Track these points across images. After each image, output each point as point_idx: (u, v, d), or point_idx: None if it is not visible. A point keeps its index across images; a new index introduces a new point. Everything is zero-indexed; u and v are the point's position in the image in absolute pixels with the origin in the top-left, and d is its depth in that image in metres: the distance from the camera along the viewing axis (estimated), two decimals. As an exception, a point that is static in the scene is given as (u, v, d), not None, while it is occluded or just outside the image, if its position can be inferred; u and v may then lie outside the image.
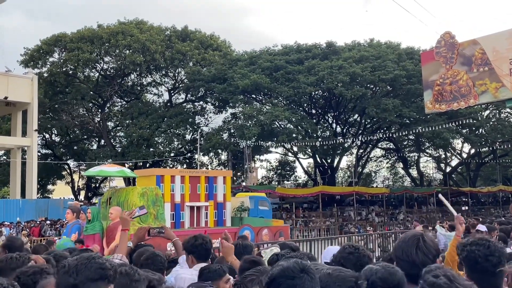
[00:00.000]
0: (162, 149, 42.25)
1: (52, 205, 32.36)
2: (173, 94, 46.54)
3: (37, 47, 40.94)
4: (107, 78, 43.01)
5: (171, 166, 44.51)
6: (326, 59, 39.38)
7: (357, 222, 36.49)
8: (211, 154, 44.11)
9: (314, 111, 44.89)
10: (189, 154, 44.69)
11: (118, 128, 47.49)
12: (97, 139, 48.59)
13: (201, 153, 39.67)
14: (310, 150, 43.45)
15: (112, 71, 43.18)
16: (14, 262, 3.31)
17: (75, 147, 47.92)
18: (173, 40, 42.09)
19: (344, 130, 46.05)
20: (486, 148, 47.78)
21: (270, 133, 37.78)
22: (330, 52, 40.90)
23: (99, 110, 45.71)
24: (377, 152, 57.51)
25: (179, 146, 44.54)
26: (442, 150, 49.47)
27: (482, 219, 13.25)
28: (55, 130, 46.38)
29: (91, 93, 43.37)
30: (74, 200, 40.61)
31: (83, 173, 27.43)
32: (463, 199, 49.86)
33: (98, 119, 45.04)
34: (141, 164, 39.48)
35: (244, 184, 38.45)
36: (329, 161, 46.11)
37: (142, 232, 4.85)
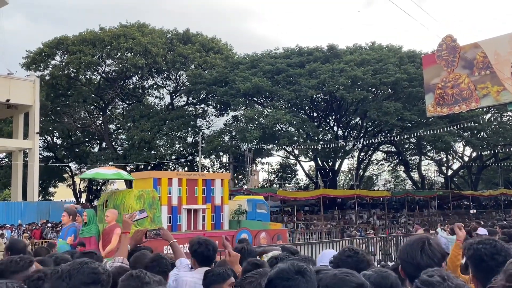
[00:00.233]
0: (163, 151, 42.23)
1: (53, 207, 32.37)
2: (174, 97, 46.57)
3: (39, 50, 41.00)
4: (109, 81, 43.06)
5: (173, 169, 44.49)
6: (327, 62, 39.39)
7: (358, 225, 36.42)
8: (213, 157, 44.12)
9: (315, 114, 44.89)
10: (190, 157, 44.70)
11: (119, 130, 47.53)
12: (98, 142, 48.60)
13: (202, 155, 39.66)
14: (311, 153, 43.41)
15: (113, 74, 43.22)
16: (13, 266, 3.31)
17: (77, 150, 47.96)
18: (174, 43, 42.16)
19: (345, 133, 46.05)
20: (488, 151, 47.72)
21: (271, 136, 37.78)
22: (332, 55, 40.92)
23: (101, 113, 45.75)
24: (378, 155, 57.47)
25: (181, 149, 44.53)
26: (443, 153, 49.45)
27: (484, 223, 13.24)
28: (57, 133, 46.38)
29: (93, 95, 43.43)
30: (76, 202, 40.66)
31: (80, 175, 27.28)
32: (465, 202, 49.81)
33: (100, 122, 45.08)
34: (142, 166, 39.49)
35: (245, 187, 38.44)
36: (330, 164, 46.10)
37: (139, 235, 4.82)
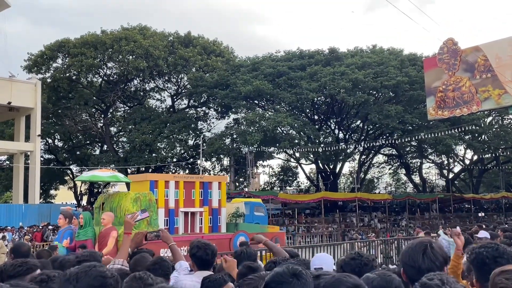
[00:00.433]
0: (164, 154, 42.24)
1: (54, 210, 32.30)
2: (175, 100, 46.62)
3: (40, 53, 41.07)
4: (110, 84, 43.11)
5: (174, 171, 44.52)
6: (328, 65, 39.42)
7: (359, 228, 36.39)
8: (214, 159, 44.13)
9: (316, 117, 44.89)
10: (191, 160, 44.71)
11: (121, 133, 47.56)
12: (99, 144, 48.63)
13: (203, 158, 39.67)
14: (312, 156, 43.43)
15: (115, 77, 43.27)
16: (12, 270, 3.31)
17: (78, 152, 47.99)
18: (176, 46, 42.21)
19: (346, 136, 46.03)
20: (489, 154, 47.68)
21: (272, 139, 37.78)
22: (333, 58, 40.95)
23: (102, 116, 45.79)
24: (379, 158, 57.44)
25: (182, 152, 44.54)
26: (444, 156, 49.40)
27: (485, 226, 13.21)
28: (58, 135, 46.43)
29: (94, 98, 43.46)
30: (77, 205, 40.67)
31: (76, 178, 27.08)
32: (466, 206, 49.76)
33: (101, 124, 45.12)
34: (143, 169, 39.50)
35: (246, 189, 38.46)
36: (331, 167, 46.08)
37: (140, 237, 4.81)
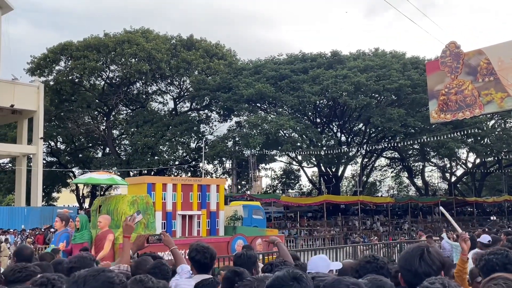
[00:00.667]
0: (167, 157, 42.27)
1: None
2: (178, 103, 46.67)
3: (43, 56, 41.17)
4: (113, 87, 43.19)
5: (176, 174, 44.51)
6: (331, 68, 39.45)
7: (361, 231, 36.34)
8: (216, 162, 44.12)
9: (318, 120, 44.90)
10: (193, 163, 44.71)
11: (123, 136, 47.63)
12: (102, 147, 48.71)
13: (205, 161, 39.67)
14: (314, 159, 43.39)
15: (117, 80, 43.36)
16: (12, 275, 3.32)
17: (80, 155, 48.07)
18: (178, 49, 42.28)
19: (348, 139, 46.01)
20: (492, 158, 47.61)
21: (274, 142, 37.79)
22: (335, 61, 40.97)
23: (105, 118, 45.86)
24: (381, 161, 57.39)
25: (184, 154, 44.57)
26: (447, 159, 49.34)
27: (488, 229, 13.18)
28: (61, 138, 46.51)
29: (97, 101, 43.55)
30: (79, 208, 40.72)
31: (72, 181, 26.90)
32: (469, 209, 49.64)
33: (104, 127, 45.17)
34: (145, 172, 39.52)
35: (248, 192, 38.44)
36: (333, 170, 46.04)
37: (141, 240, 4.82)
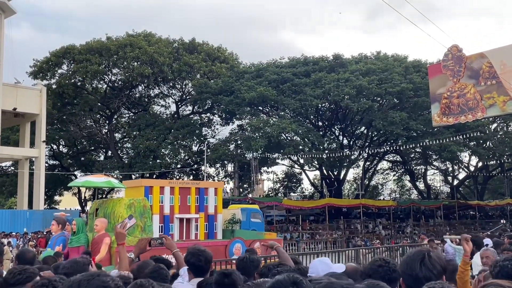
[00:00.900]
0: (169, 160, 42.28)
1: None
2: (180, 106, 46.71)
3: (46, 59, 41.29)
4: (115, 90, 43.27)
5: (178, 177, 44.52)
6: (333, 72, 39.46)
7: (363, 235, 36.27)
8: (218, 165, 44.12)
9: (320, 124, 44.89)
10: (195, 166, 44.72)
11: (125, 139, 47.68)
12: (104, 150, 48.74)
13: (207, 164, 39.66)
14: (316, 162, 43.35)
15: (120, 83, 43.44)
16: (12, 278, 3.32)
17: (82, 158, 48.11)
18: (180, 52, 42.36)
19: (350, 143, 45.97)
20: (494, 161, 47.52)
21: (276, 145, 37.78)
22: (337, 64, 40.98)
23: (107, 122, 45.92)
24: (384, 164, 57.32)
25: (186, 158, 44.58)
26: (449, 163, 49.22)
27: (490, 233, 13.16)
28: (63, 141, 46.55)
29: (99, 104, 43.61)
30: (81, 211, 40.73)
31: (69, 183, 26.98)
32: (471, 212, 49.52)
33: (106, 131, 45.23)
34: (148, 175, 39.55)
35: (250, 195, 38.42)
36: (335, 173, 46.00)
37: (144, 243, 4.82)
